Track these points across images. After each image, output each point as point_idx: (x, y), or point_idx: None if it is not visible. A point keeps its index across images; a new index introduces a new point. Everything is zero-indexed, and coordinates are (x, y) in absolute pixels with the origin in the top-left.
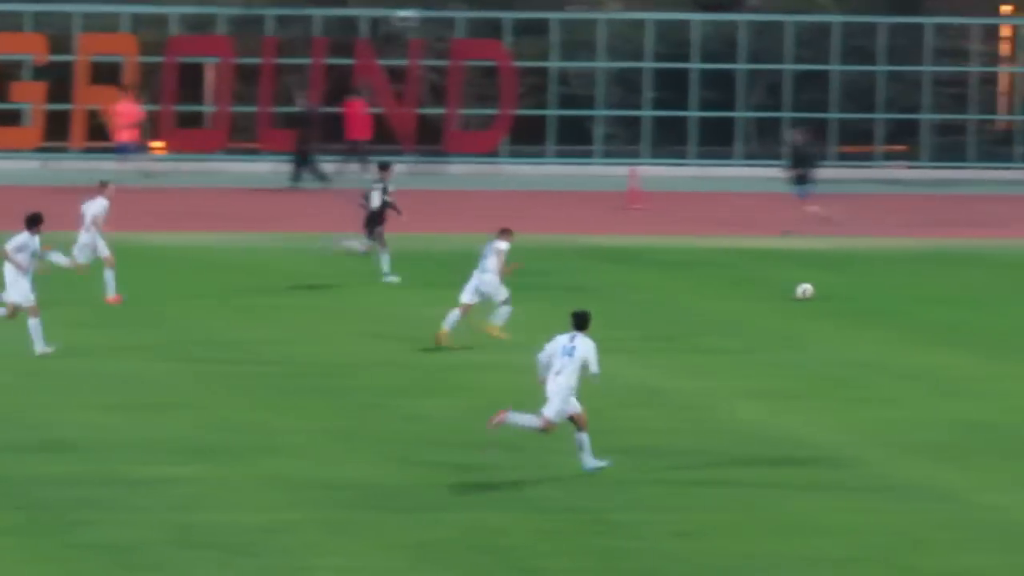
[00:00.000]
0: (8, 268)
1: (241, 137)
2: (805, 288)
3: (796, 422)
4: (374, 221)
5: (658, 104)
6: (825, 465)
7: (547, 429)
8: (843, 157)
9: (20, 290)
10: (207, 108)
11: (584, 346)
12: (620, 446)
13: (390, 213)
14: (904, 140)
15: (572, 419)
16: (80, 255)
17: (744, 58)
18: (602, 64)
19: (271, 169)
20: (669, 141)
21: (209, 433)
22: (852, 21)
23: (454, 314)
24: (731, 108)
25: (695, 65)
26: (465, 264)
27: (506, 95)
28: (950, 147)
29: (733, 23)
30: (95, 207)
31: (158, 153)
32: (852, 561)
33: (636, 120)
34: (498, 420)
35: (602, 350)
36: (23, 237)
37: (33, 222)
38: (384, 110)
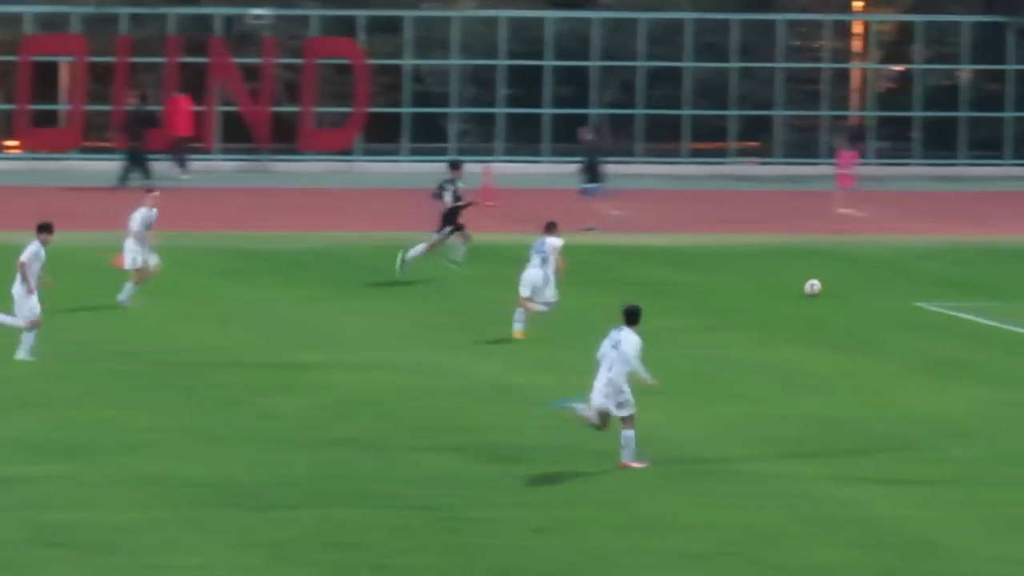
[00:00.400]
0: (20, 283)
1: (96, 136)
2: (813, 284)
3: (652, 418)
4: (448, 219)
5: (512, 101)
6: (682, 461)
7: (600, 421)
8: (696, 154)
9: (30, 306)
10: (61, 107)
11: (626, 341)
12: (475, 443)
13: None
14: (757, 137)
15: (621, 418)
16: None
17: (597, 55)
18: (456, 62)
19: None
20: (523, 138)
21: (65, 432)
22: (705, 18)
23: (519, 312)
24: (585, 105)
25: (549, 62)
26: (322, 262)
27: (360, 93)
28: (803, 143)
29: (586, 20)
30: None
31: (12, 152)
32: (708, 556)
33: (490, 117)
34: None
35: (449, 348)
36: (32, 246)
37: (43, 230)
38: (239, 108)
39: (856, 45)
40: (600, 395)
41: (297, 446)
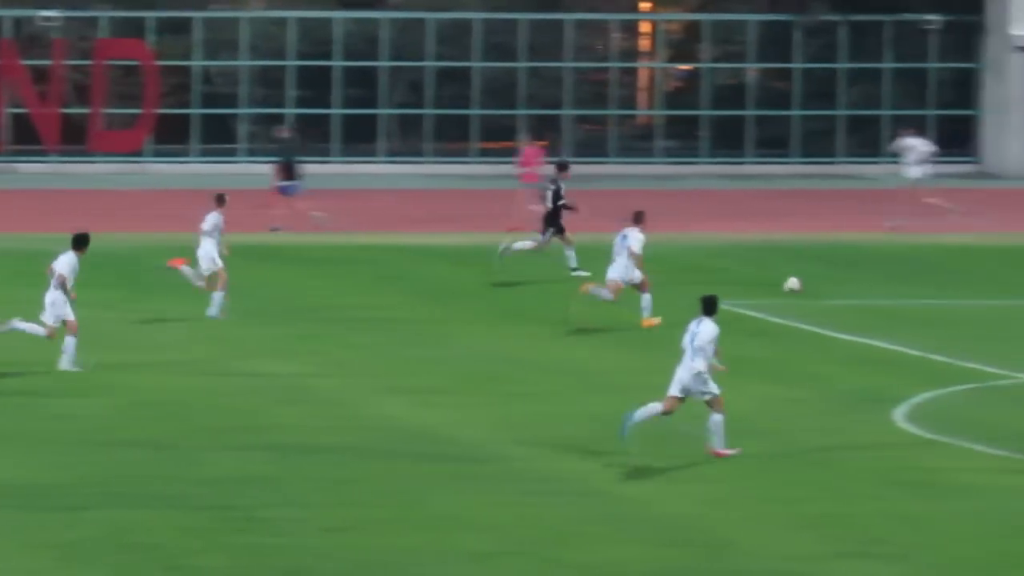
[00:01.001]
0: (57, 292)
1: None
2: (793, 281)
3: (443, 418)
4: (550, 220)
5: (302, 102)
6: (472, 460)
7: (668, 411)
8: (485, 153)
9: (60, 311)
10: None
11: (705, 330)
12: (268, 443)
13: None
14: (546, 136)
15: (707, 403)
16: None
17: (386, 55)
18: (245, 63)
19: None
20: (313, 139)
21: None
22: (493, 18)
23: (645, 298)
24: (374, 105)
25: (338, 63)
26: (113, 264)
27: (149, 94)
28: (591, 142)
29: (375, 21)
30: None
31: None
32: (498, 555)
33: (279, 118)
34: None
35: (241, 350)
36: (73, 257)
37: (81, 242)
38: (28, 110)
39: (644, 44)
40: (679, 383)
41: (89, 447)
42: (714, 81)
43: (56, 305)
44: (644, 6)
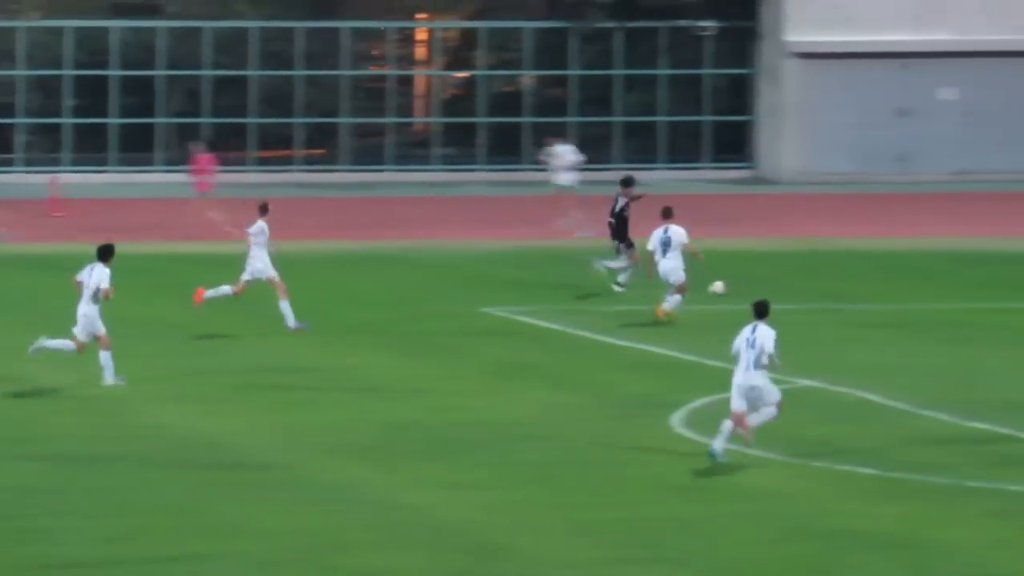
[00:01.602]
0: (90, 302)
1: None
2: (718, 285)
3: (225, 426)
4: (619, 234)
5: (78, 111)
6: (253, 468)
7: (739, 423)
8: (263, 162)
9: (93, 324)
10: None
11: (763, 335)
12: (47, 453)
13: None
14: (323, 144)
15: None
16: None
17: (163, 64)
18: (21, 72)
19: None
20: (90, 148)
21: None
22: (270, 26)
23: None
24: (151, 114)
25: (115, 72)
26: None
27: None
28: (368, 150)
29: (152, 29)
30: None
31: None
32: (278, 563)
33: (56, 127)
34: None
35: (20, 358)
36: (104, 269)
37: (108, 253)
38: None
39: (420, 52)
40: (740, 394)
41: None
42: (490, 88)
43: (89, 319)
44: (420, 15)
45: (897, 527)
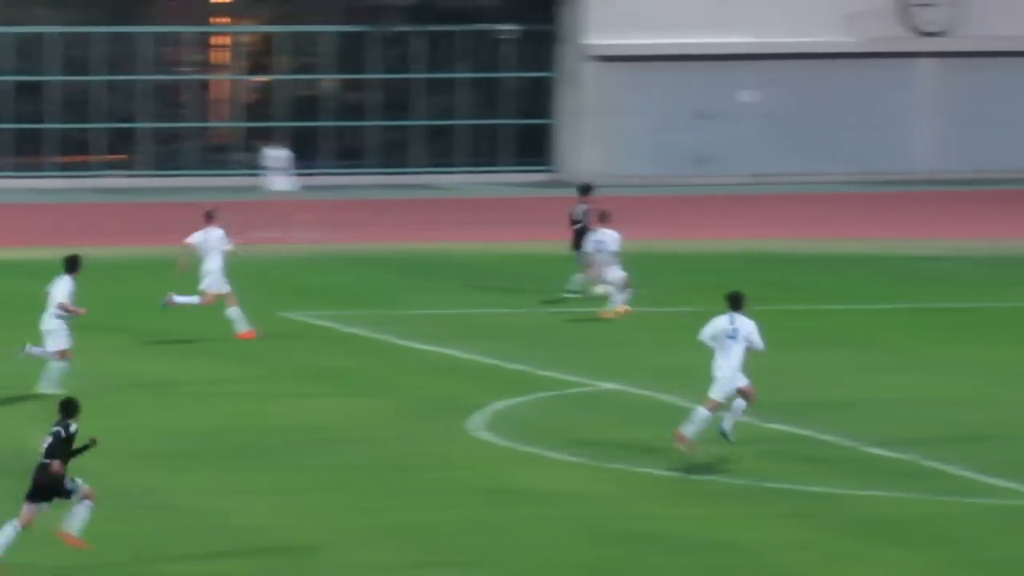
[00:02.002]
0: (56, 317)
1: None
2: (607, 288)
3: (17, 433)
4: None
5: None
6: None
7: (714, 410)
8: (63, 168)
9: (63, 337)
10: None
11: (745, 325)
12: None
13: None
14: (123, 149)
15: (739, 391)
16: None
17: None
18: None
19: None
20: None
21: None
22: (68, 31)
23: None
24: None
25: None
26: None
27: None
28: (169, 155)
29: None
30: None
31: None
32: (78, 570)
33: None
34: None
35: None
36: (68, 282)
37: (75, 265)
38: None
39: (220, 57)
40: (725, 382)
41: None
42: (290, 93)
43: (54, 334)
44: (219, 20)
45: (697, 529)
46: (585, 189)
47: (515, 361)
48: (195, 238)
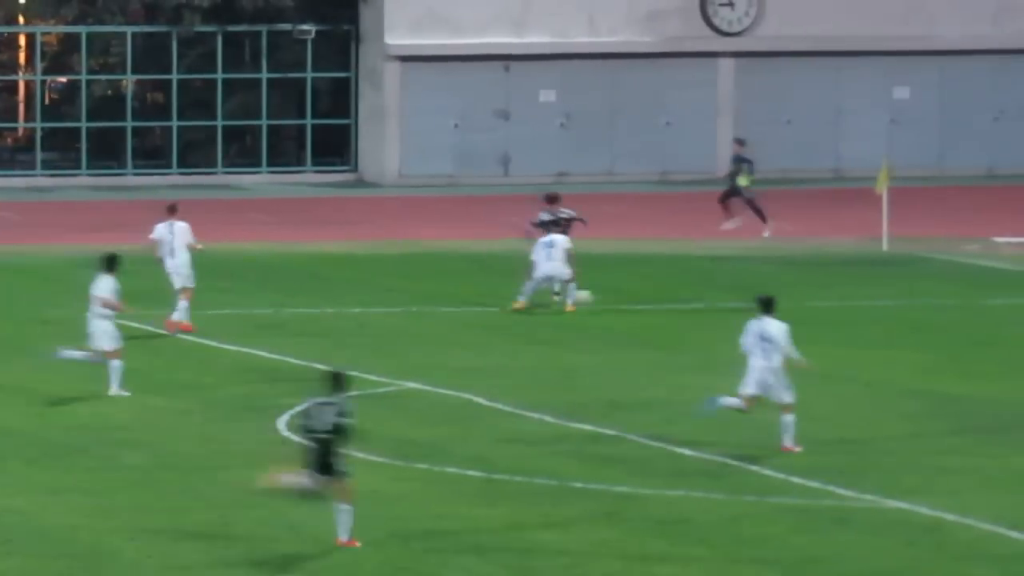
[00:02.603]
0: (100, 314)
1: None
2: (583, 294)
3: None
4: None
5: None
6: None
7: (748, 407)
8: None
9: (110, 334)
10: None
11: (776, 328)
12: None
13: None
14: None
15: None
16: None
17: None
18: None
19: None
20: None
21: None
22: None
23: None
24: None
25: None
26: None
27: None
28: None
29: None
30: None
31: None
32: None
33: None
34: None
35: None
36: (110, 280)
37: (114, 263)
38: None
39: (21, 57)
40: (755, 384)
41: None
42: (92, 92)
43: (103, 335)
44: (20, 19)
45: (502, 529)
46: (553, 199)
47: (321, 361)
48: (158, 232)
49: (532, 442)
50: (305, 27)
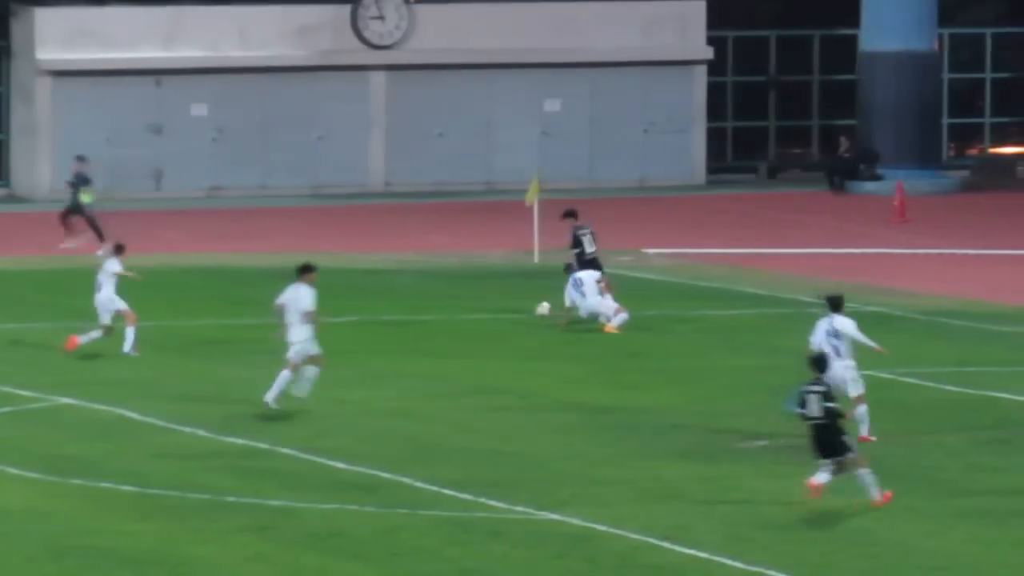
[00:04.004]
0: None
1: None
2: (544, 306)
3: None
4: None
5: None
6: None
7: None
8: None
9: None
10: None
11: (844, 325)
12: None
13: None
14: None
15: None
16: None
17: None
18: None
19: None
20: None
21: None
22: None
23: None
24: None
25: None
26: None
27: None
28: None
29: None
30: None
31: None
32: None
33: None
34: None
35: None
36: (308, 289)
37: (309, 270)
38: None
39: None
40: (851, 378)
41: None
42: None
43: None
44: None
45: (156, 544)
46: (572, 213)
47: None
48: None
49: (185, 456)
50: None
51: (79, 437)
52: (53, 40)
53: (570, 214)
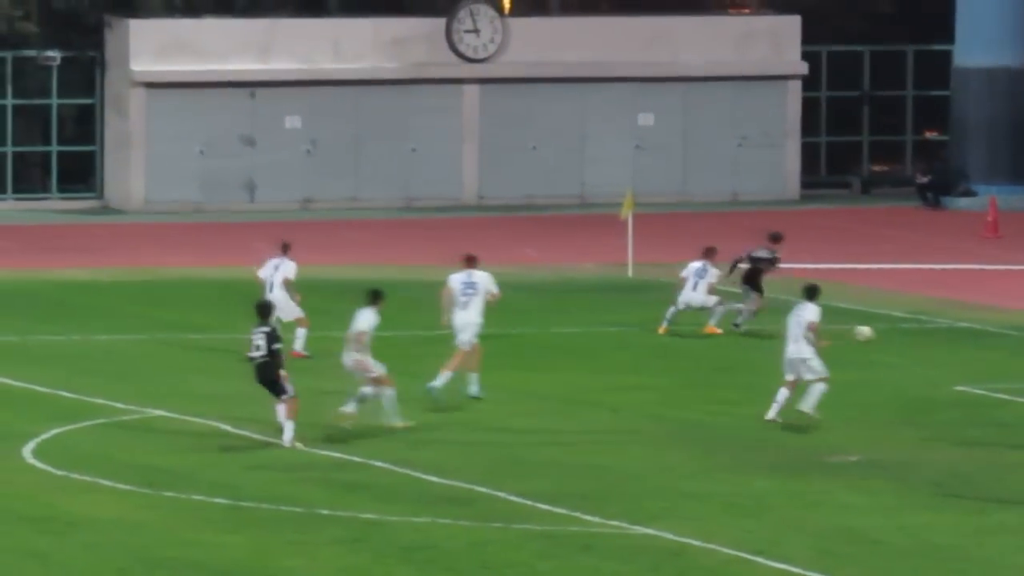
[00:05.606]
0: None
1: None
2: (864, 330)
3: None
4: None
5: None
6: None
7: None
8: None
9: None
10: None
11: (807, 310)
12: None
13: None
14: None
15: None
16: None
17: None
18: None
19: None
20: None
21: None
22: None
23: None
24: None
25: None
26: None
27: None
28: None
29: None
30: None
31: None
32: None
33: None
34: None
35: None
36: (372, 314)
37: (378, 297)
38: None
39: None
40: (792, 366)
41: None
42: None
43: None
44: None
45: (248, 556)
46: (776, 238)
47: (66, 388)
48: None
49: (278, 469)
50: (50, 53)
51: (171, 449)
52: (147, 52)
53: (776, 239)
